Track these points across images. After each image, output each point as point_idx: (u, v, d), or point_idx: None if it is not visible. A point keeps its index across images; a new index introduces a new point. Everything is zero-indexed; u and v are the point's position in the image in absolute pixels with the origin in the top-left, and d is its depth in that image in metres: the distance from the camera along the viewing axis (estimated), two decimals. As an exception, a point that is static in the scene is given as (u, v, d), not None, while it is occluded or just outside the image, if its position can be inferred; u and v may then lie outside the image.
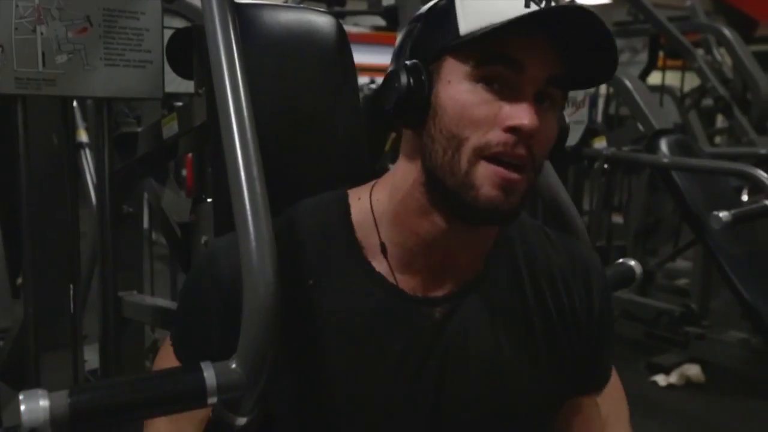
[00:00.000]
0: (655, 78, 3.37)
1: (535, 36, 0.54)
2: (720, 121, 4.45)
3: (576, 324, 0.68)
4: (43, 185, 1.28)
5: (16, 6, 0.86)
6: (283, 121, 0.74)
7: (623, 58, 3.16)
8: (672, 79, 3.53)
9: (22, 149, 1.08)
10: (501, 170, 0.55)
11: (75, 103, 1.49)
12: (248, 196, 0.57)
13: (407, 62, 0.59)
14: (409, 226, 0.63)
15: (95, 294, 1.26)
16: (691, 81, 3.25)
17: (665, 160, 1.81)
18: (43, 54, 0.90)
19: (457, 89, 0.57)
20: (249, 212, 0.57)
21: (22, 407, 0.43)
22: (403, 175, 0.63)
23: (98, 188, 1.25)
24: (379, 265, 0.63)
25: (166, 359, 0.65)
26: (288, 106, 0.74)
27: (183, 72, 1.12)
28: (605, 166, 1.94)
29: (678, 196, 1.80)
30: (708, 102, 3.08)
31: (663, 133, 1.89)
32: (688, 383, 2.70)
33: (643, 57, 3.11)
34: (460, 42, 0.56)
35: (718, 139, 3.92)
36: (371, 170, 0.77)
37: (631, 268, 0.96)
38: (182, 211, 1.48)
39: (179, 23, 1.30)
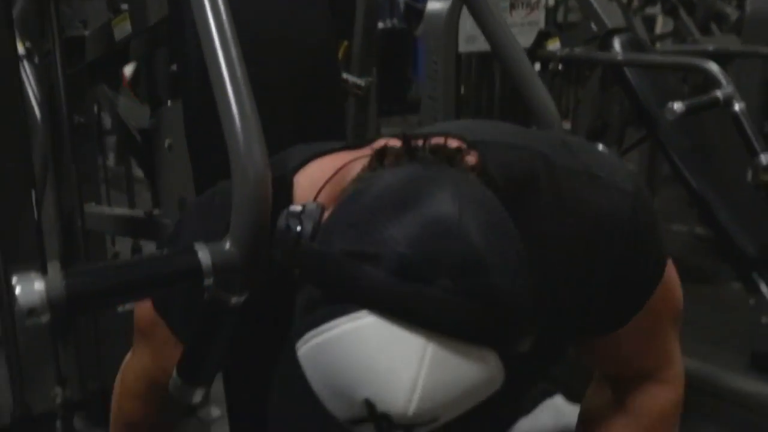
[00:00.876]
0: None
1: None
2: (659, 27, 4.59)
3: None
4: None
5: None
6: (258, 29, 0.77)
7: None
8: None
9: None
10: None
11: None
12: (231, 82, 0.55)
13: None
14: None
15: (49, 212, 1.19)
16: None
17: (620, 58, 1.79)
18: None
19: None
20: (232, 98, 0.55)
21: (18, 289, 0.42)
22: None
23: (43, 100, 1.16)
24: None
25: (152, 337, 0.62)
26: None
27: None
28: (559, 67, 1.91)
29: (631, 93, 1.80)
30: (651, 11, 3.13)
31: (616, 31, 1.85)
32: None
33: None
34: None
35: (658, 45, 4.03)
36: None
37: None
38: (140, 117, 1.38)
39: None
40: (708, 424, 1.66)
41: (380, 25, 2.28)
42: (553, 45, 1.91)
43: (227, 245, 0.51)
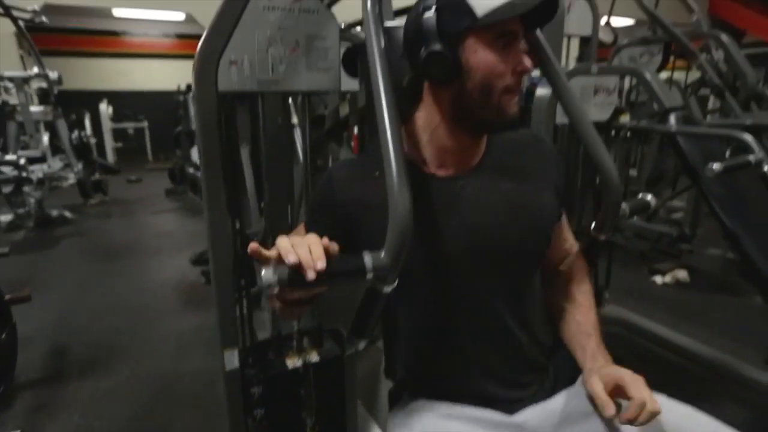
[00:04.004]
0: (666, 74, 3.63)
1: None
2: (711, 105, 4.65)
3: (546, 168, 0.85)
4: (273, 149, 1.46)
5: (257, 36, 0.99)
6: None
7: (643, 59, 3.39)
8: (676, 75, 3.77)
9: (261, 127, 1.30)
10: (514, 96, 0.72)
11: (290, 100, 1.75)
12: (392, 147, 0.66)
13: (442, 43, 0.67)
14: (440, 143, 0.77)
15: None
16: (691, 76, 3.55)
17: (673, 129, 2.02)
18: (272, 65, 1.01)
19: (485, 56, 0.69)
20: (392, 158, 0.65)
21: (263, 272, 0.60)
22: (429, 114, 0.76)
23: (303, 150, 1.44)
24: (423, 166, 0.80)
25: (300, 230, 0.84)
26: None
27: (352, 73, 1.30)
28: (628, 134, 2.23)
29: (681, 155, 2.00)
30: (704, 92, 3.37)
31: (672, 109, 2.10)
32: (678, 283, 3.11)
33: (658, 58, 3.37)
34: (481, 24, 0.67)
35: (708, 118, 4.13)
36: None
37: (647, 201, 1.10)
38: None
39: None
40: (731, 405, 1.86)
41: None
42: (625, 118, 2.20)
43: (382, 254, 0.63)
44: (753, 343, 2.11)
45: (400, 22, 0.87)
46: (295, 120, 1.96)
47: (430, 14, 0.68)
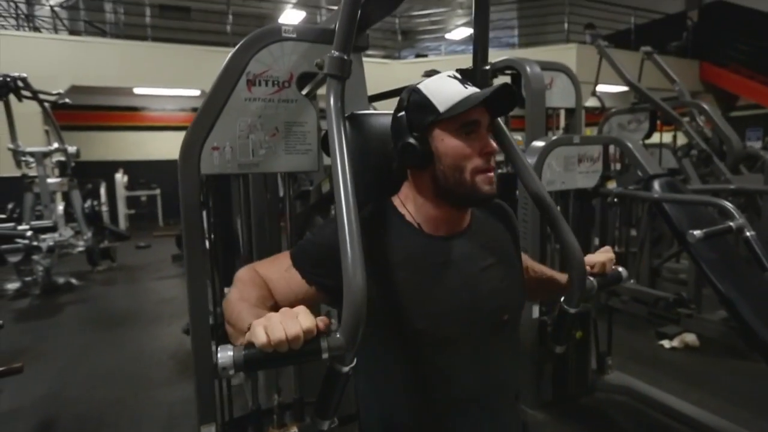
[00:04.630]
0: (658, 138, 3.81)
1: (479, 105, 0.76)
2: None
3: (513, 238, 0.93)
4: (261, 220, 1.60)
5: (239, 124, 1.07)
6: (368, 171, 0.92)
7: (631, 126, 3.55)
8: (667, 137, 3.90)
9: (242, 204, 1.42)
10: (487, 176, 0.78)
11: (279, 177, 1.87)
12: (347, 230, 0.68)
13: (413, 136, 0.78)
14: (427, 213, 0.83)
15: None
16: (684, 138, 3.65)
17: (656, 196, 2.06)
18: (252, 149, 1.09)
19: (451, 142, 0.77)
20: (348, 241, 0.68)
21: (219, 354, 0.60)
22: (415, 192, 0.84)
23: (291, 221, 1.51)
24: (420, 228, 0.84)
25: (282, 258, 0.83)
26: (370, 164, 0.92)
27: (329, 153, 1.43)
28: (615, 200, 2.27)
29: (667, 220, 2.03)
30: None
31: (656, 176, 2.16)
32: (687, 347, 3.04)
33: (646, 125, 3.51)
34: (444, 117, 0.76)
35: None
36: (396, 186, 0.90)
37: (620, 273, 1.03)
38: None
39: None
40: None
41: (500, 170, 2.74)
42: (612, 184, 2.29)
43: (338, 335, 0.64)
44: (762, 407, 2.06)
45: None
46: (281, 193, 2.03)
47: (402, 114, 0.80)
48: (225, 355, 0.60)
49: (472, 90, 0.77)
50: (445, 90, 0.78)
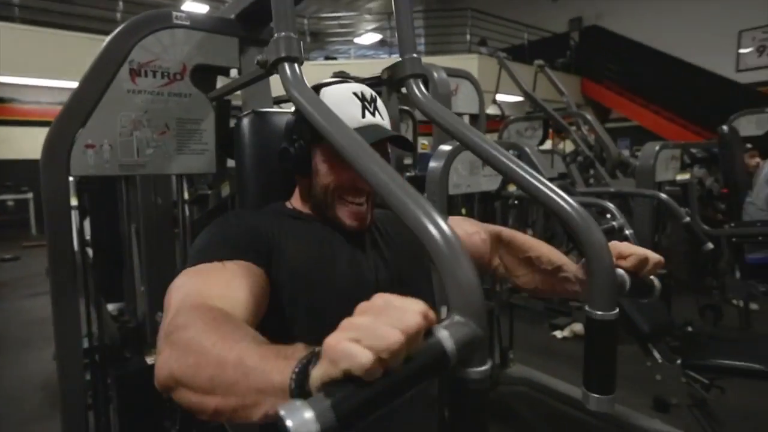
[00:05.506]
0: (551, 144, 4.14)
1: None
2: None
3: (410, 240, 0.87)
4: (152, 228, 1.46)
5: (120, 119, 0.96)
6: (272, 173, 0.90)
7: (528, 133, 3.81)
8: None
9: (128, 210, 1.32)
10: (349, 209, 0.77)
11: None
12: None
13: (295, 143, 0.77)
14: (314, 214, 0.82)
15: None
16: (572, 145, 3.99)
17: None
18: (138, 148, 0.99)
19: (324, 167, 0.76)
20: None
21: (288, 423, 0.33)
22: (299, 194, 0.84)
23: (184, 227, 1.44)
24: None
25: (212, 270, 0.65)
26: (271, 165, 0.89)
27: (229, 155, 1.23)
28: (515, 202, 2.42)
29: (561, 220, 2.27)
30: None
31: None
32: (576, 336, 3.27)
33: (540, 132, 3.79)
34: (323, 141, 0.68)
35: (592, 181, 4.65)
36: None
37: (653, 284, 0.85)
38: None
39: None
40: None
41: (409, 174, 2.77)
42: (512, 188, 2.40)
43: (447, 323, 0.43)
44: (639, 391, 2.25)
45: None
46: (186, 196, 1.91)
47: (293, 118, 0.78)
48: (298, 417, 0.33)
49: (368, 120, 0.73)
50: (341, 112, 0.67)
